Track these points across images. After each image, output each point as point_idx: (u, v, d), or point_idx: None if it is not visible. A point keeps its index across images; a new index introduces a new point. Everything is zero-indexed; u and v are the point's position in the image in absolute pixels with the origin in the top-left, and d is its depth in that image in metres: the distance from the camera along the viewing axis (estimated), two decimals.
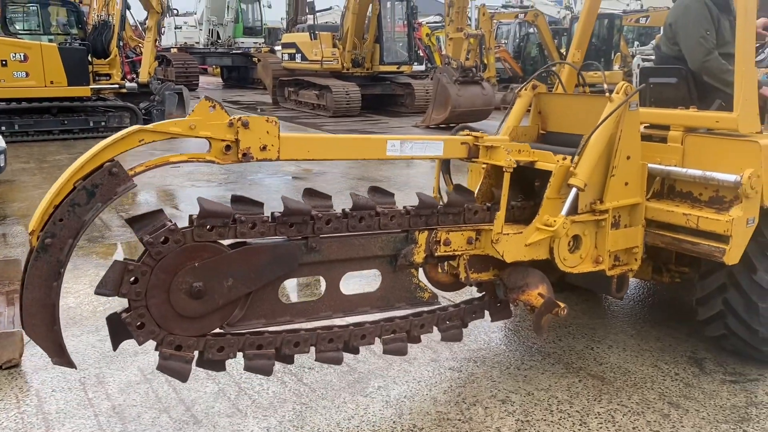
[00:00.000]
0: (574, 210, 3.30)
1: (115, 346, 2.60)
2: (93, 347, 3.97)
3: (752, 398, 3.42)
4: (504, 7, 26.21)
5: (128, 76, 15.42)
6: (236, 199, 2.64)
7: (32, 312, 2.33)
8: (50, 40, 13.91)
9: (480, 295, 3.60)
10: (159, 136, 2.51)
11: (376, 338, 3.05)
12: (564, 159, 3.26)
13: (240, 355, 2.74)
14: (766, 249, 3.52)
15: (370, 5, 17.49)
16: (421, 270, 3.20)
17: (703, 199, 3.59)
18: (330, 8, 29.97)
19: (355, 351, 3.07)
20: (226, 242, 2.63)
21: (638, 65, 13.74)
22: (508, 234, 3.19)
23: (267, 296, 2.77)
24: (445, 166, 3.72)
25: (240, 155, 2.59)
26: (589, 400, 3.39)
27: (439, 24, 24.42)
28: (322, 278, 2.94)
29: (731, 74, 3.65)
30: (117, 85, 14.29)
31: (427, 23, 27.90)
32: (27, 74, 12.21)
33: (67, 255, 2.33)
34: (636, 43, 24.72)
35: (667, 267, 4.09)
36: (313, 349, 2.88)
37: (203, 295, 2.53)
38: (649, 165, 3.64)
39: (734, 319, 3.61)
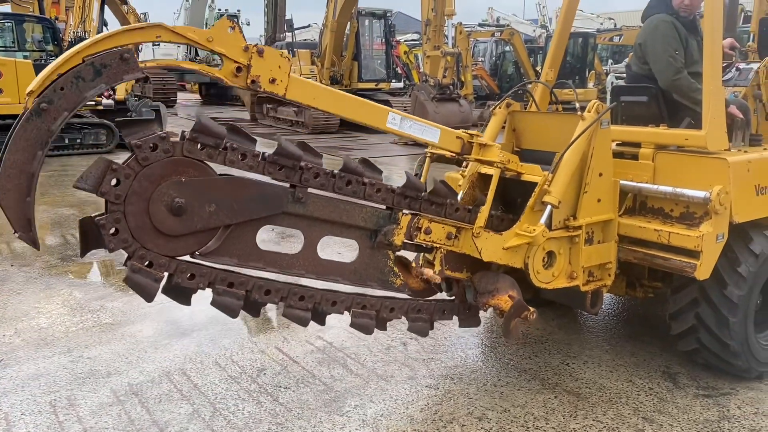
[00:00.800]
0: (548, 226, 3.34)
1: (83, 253, 2.48)
2: (64, 368, 3.90)
3: (725, 412, 3.46)
4: (480, 25, 26.54)
5: (105, 93, 15.31)
6: (232, 129, 2.60)
7: (9, 175, 2.22)
8: (25, 57, 13.79)
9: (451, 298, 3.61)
10: (176, 37, 2.48)
11: (345, 310, 3.01)
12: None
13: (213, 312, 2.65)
14: (736, 264, 3.58)
15: (349, 23, 17.62)
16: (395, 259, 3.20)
17: (674, 215, 3.65)
18: (308, 26, 30.12)
19: (322, 318, 3.00)
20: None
21: (612, 83, 13.98)
22: (488, 232, 3.24)
23: (245, 235, 2.71)
24: None
25: (249, 81, 2.58)
26: (564, 416, 3.41)
27: (417, 42, 24.65)
28: (301, 235, 2.89)
29: (700, 93, 3.74)
30: (93, 102, 14.16)
31: (405, 41, 28.14)
32: (1, 91, 12.06)
33: (59, 126, 2.25)
34: (610, 61, 25.18)
35: (640, 282, 4.15)
36: (282, 303, 2.83)
37: (183, 213, 2.46)
38: (621, 182, 3.69)
39: (706, 333, 3.65)
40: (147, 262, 2.46)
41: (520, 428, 3.29)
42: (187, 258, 2.59)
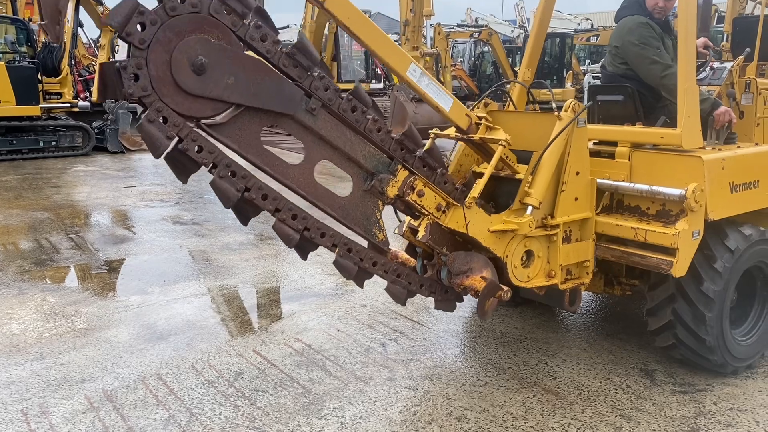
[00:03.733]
0: None
1: (99, 98, 2.49)
2: (37, 375, 3.83)
3: (701, 408, 3.49)
4: (459, 26, 26.59)
5: (81, 95, 15.11)
6: (259, 10, 2.58)
7: None
8: None
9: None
10: None
11: (332, 246, 2.99)
12: None
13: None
14: (712, 260, 3.61)
15: (327, 24, 17.56)
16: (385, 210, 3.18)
17: (651, 213, 3.67)
18: (287, 27, 29.95)
19: (306, 247, 2.95)
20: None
21: (589, 82, 14.08)
22: (480, 208, 3.26)
23: (251, 125, 2.69)
24: None
25: None
26: (543, 415, 3.41)
27: (397, 42, 24.65)
28: (303, 148, 2.86)
29: None
30: (68, 104, 13.98)
31: None
32: None
33: None
34: (587, 61, 25.41)
35: (618, 280, 4.17)
36: (274, 215, 2.81)
37: (202, 73, 2.44)
38: (598, 180, 3.71)
39: (683, 328, 3.68)
40: (162, 117, 2.44)
41: (499, 428, 3.28)
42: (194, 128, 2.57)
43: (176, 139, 2.50)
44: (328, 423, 3.33)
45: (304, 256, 3.02)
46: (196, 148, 2.54)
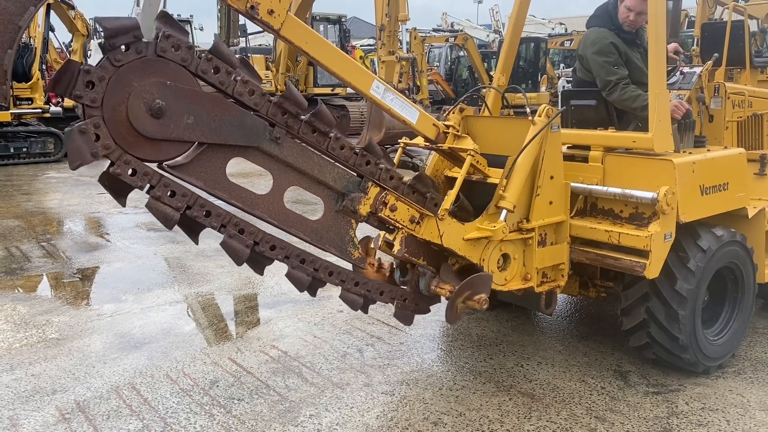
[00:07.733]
0: None
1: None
2: (7, 387, 3.75)
3: (673, 408, 3.53)
4: (435, 30, 26.72)
5: (53, 100, 14.90)
6: (164, 16, 2.46)
7: None
8: None
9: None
10: None
11: (341, 283, 3.07)
12: None
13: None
14: (685, 260, 3.67)
15: None
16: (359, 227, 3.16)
17: (624, 215, 3.72)
18: (262, 31, 29.86)
19: (317, 287, 3.02)
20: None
21: (563, 87, 14.24)
22: (452, 218, 3.26)
23: (216, 161, 2.64)
24: None
25: (248, 6, 2.57)
26: (519, 418, 3.42)
27: (373, 47, 24.69)
28: (271, 178, 2.82)
29: (632, 100, 3.92)
30: (40, 110, 13.78)
31: (360, 46, 28.15)
32: None
33: None
34: (562, 65, 25.69)
35: (592, 282, 4.21)
36: (284, 262, 2.86)
37: (161, 116, 2.38)
38: (572, 184, 3.75)
39: (656, 326, 3.73)
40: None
41: None
42: (158, 170, 2.52)
43: (185, 207, 2.53)
44: (305, 430, 3.31)
45: (313, 294, 3.12)
46: (204, 213, 2.58)
